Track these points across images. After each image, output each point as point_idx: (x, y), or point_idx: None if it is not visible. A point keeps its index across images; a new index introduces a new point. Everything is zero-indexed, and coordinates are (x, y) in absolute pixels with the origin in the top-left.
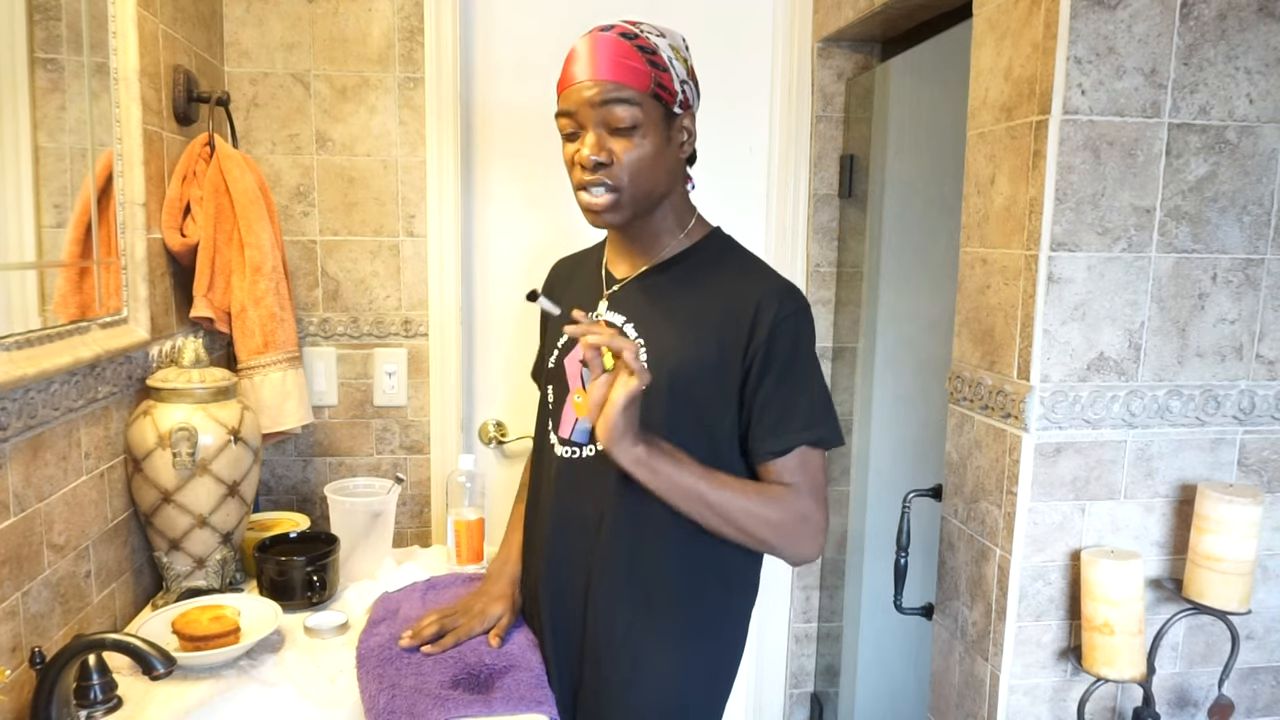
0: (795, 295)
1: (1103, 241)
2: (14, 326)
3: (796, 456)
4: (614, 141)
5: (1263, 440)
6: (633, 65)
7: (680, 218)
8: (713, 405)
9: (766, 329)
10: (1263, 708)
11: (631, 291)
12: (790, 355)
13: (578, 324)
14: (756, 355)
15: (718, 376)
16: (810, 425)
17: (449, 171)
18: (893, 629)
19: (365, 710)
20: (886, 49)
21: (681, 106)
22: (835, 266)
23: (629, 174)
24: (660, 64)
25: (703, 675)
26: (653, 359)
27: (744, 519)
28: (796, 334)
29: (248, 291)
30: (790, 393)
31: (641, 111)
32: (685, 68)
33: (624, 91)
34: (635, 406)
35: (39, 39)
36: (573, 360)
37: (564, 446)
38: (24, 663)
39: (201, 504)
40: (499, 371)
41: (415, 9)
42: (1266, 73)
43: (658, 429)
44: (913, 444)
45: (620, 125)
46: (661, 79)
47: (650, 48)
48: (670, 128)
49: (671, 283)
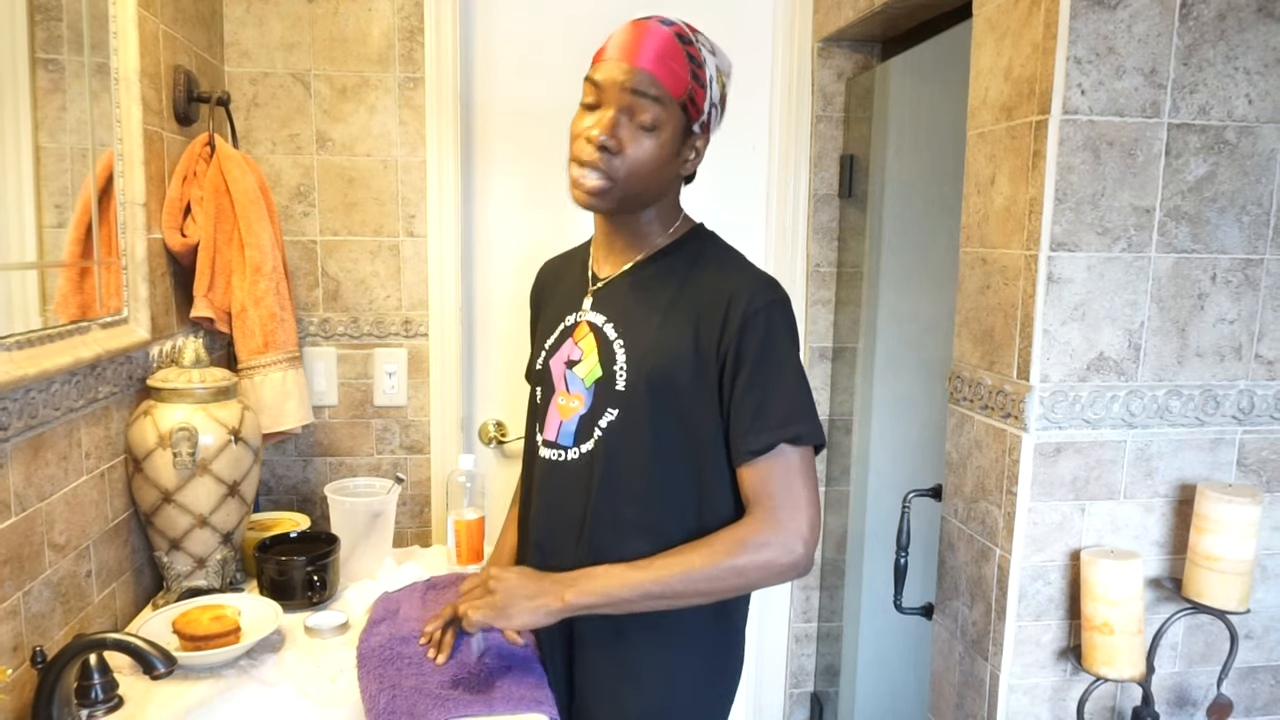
0: (768, 288)
1: (1103, 241)
2: (15, 326)
3: (772, 459)
4: (627, 131)
5: (1262, 440)
6: (675, 68)
7: (665, 221)
8: (695, 407)
9: (738, 322)
10: (1262, 707)
11: (613, 290)
12: (764, 348)
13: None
14: (729, 351)
15: (696, 376)
16: (787, 421)
17: (449, 171)
18: (893, 629)
19: (365, 710)
20: (886, 49)
21: (702, 127)
22: (835, 266)
23: (627, 170)
24: (701, 79)
25: (694, 679)
26: (632, 360)
27: (708, 582)
28: (769, 327)
29: (248, 291)
30: (765, 387)
31: (665, 114)
32: (721, 92)
33: (657, 88)
34: (505, 609)
35: (40, 39)
36: (558, 362)
37: (549, 449)
38: (25, 662)
39: (202, 504)
40: (499, 371)
41: (415, 9)
42: (1266, 73)
43: (642, 433)
44: (913, 444)
45: (640, 117)
46: (695, 93)
47: (699, 60)
48: (685, 142)
49: (651, 281)
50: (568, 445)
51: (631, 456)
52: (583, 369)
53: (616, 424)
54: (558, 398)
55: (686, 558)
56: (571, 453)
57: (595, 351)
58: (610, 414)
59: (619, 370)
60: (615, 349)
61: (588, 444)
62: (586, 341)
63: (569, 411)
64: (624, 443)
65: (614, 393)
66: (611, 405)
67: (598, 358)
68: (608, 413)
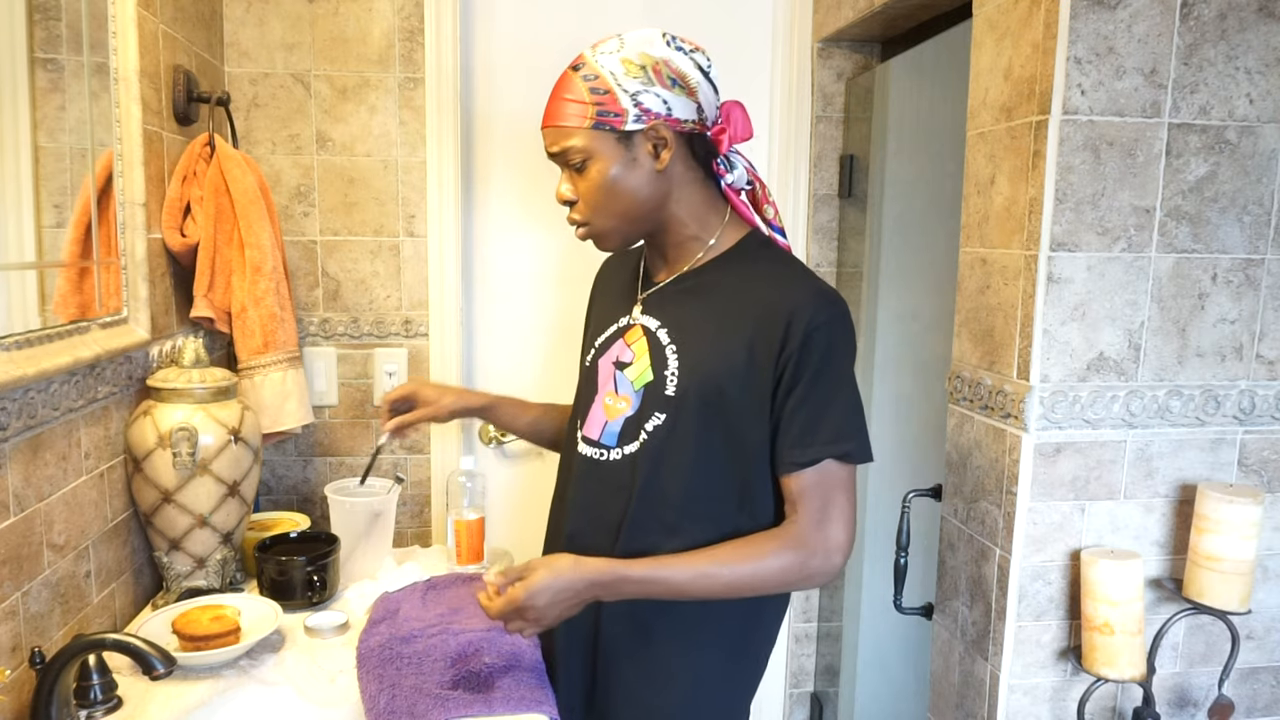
0: (831, 303)
1: (1103, 241)
2: (14, 326)
3: (818, 471)
4: (575, 179)
5: (1263, 440)
6: (571, 101)
7: (703, 223)
8: (743, 417)
9: (799, 338)
10: (1263, 708)
11: (666, 296)
12: (822, 365)
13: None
14: (788, 365)
15: (748, 387)
16: (837, 439)
17: (449, 172)
18: (893, 629)
19: (365, 710)
20: (886, 49)
21: (640, 120)
22: (835, 266)
23: (588, 207)
24: (602, 88)
25: (726, 682)
26: (684, 367)
27: (740, 577)
28: (830, 343)
29: (248, 291)
30: (819, 404)
31: (585, 148)
32: (642, 77)
33: (563, 135)
34: (543, 593)
35: (39, 39)
36: (607, 362)
37: (589, 446)
38: (24, 663)
39: (202, 504)
40: (499, 371)
41: (415, 9)
42: (1266, 73)
43: (687, 439)
44: (913, 444)
45: (573, 163)
46: (603, 104)
47: (592, 74)
48: (630, 147)
49: (704, 289)
50: (610, 445)
51: (675, 461)
52: (633, 371)
53: (663, 428)
54: (605, 397)
55: (726, 552)
56: (614, 453)
57: (647, 355)
58: (658, 418)
59: (670, 375)
60: (668, 354)
61: (632, 445)
62: (639, 345)
63: (616, 412)
64: (669, 447)
65: (663, 397)
66: (660, 410)
67: (649, 361)
68: (655, 417)
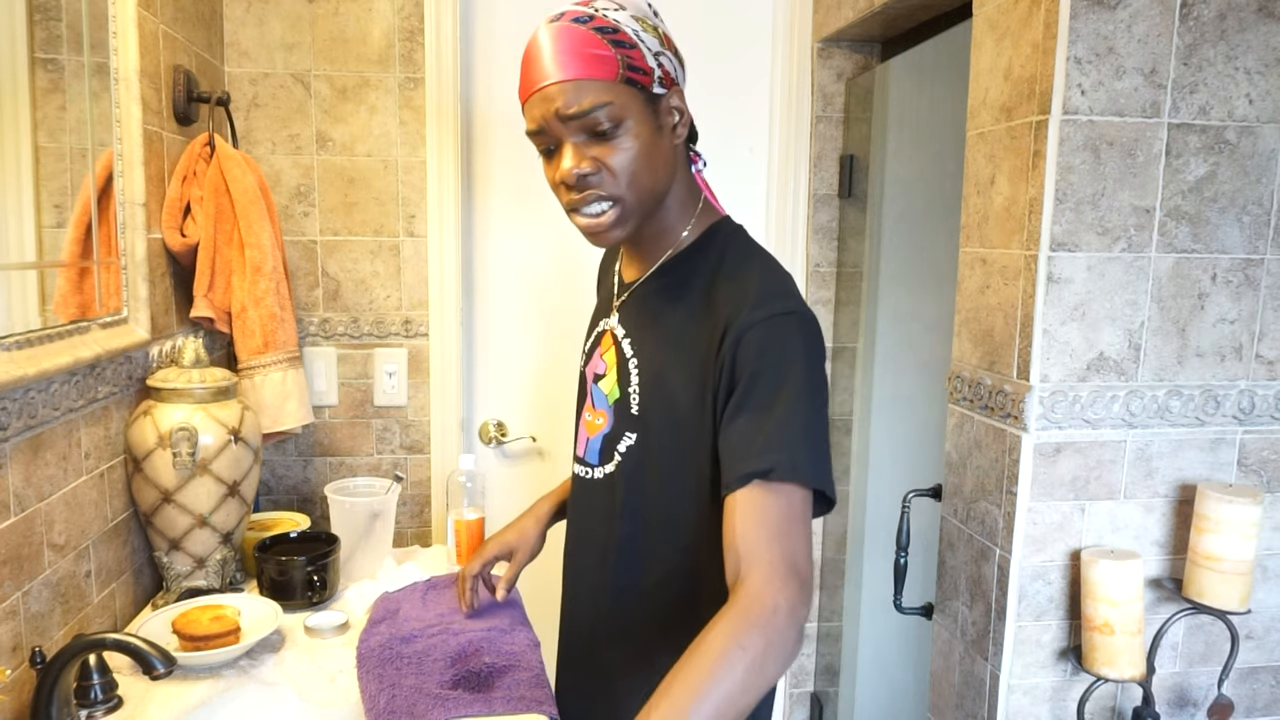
0: (771, 301)
1: (1103, 241)
2: (14, 326)
3: (746, 498)
4: (597, 148)
5: (1262, 440)
6: (594, 53)
7: (684, 208)
8: (697, 440)
9: (731, 344)
10: (1262, 707)
11: (635, 299)
12: (757, 372)
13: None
14: (722, 374)
15: (697, 405)
16: (765, 451)
17: (449, 172)
18: (893, 629)
19: (365, 710)
20: (886, 49)
21: (663, 84)
22: (835, 266)
23: (625, 180)
24: (626, 41)
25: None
26: (644, 384)
27: (741, 691)
28: (762, 349)
29: (248, 291)
30: (753, 416)
31: (618, 106)
32: (657, 37)
33: (587, 90)
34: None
35: (39, 39)
36: (590, 373)
37: (579, 464)
38: (24, 662)
39: (202, 504)
40: (499, 371)
41: (415, 9)
42: (1266, 73)
43: (655, 462)
44: (913, 444)
45: (600, 128)
46: (631, 58)
47: (610, 26)
48: (657, 112)
49: (668, 290)
50: (594, 464)
51: (649, 483)
52: (606, 385)
53: (635, 449)
54: (586, 412)
55: (683, 675)
56: (597, 472)
57: (615, 369)
58: (629, 438)
59: (633, 392)
60: (630, 369)
61: (609, 466)
62: (610, 355)
63: (595, 429)
64: (641, 470)
65: (630, 416)
66: (629, 429)
67: (616, 377)
68: (626, 436)
